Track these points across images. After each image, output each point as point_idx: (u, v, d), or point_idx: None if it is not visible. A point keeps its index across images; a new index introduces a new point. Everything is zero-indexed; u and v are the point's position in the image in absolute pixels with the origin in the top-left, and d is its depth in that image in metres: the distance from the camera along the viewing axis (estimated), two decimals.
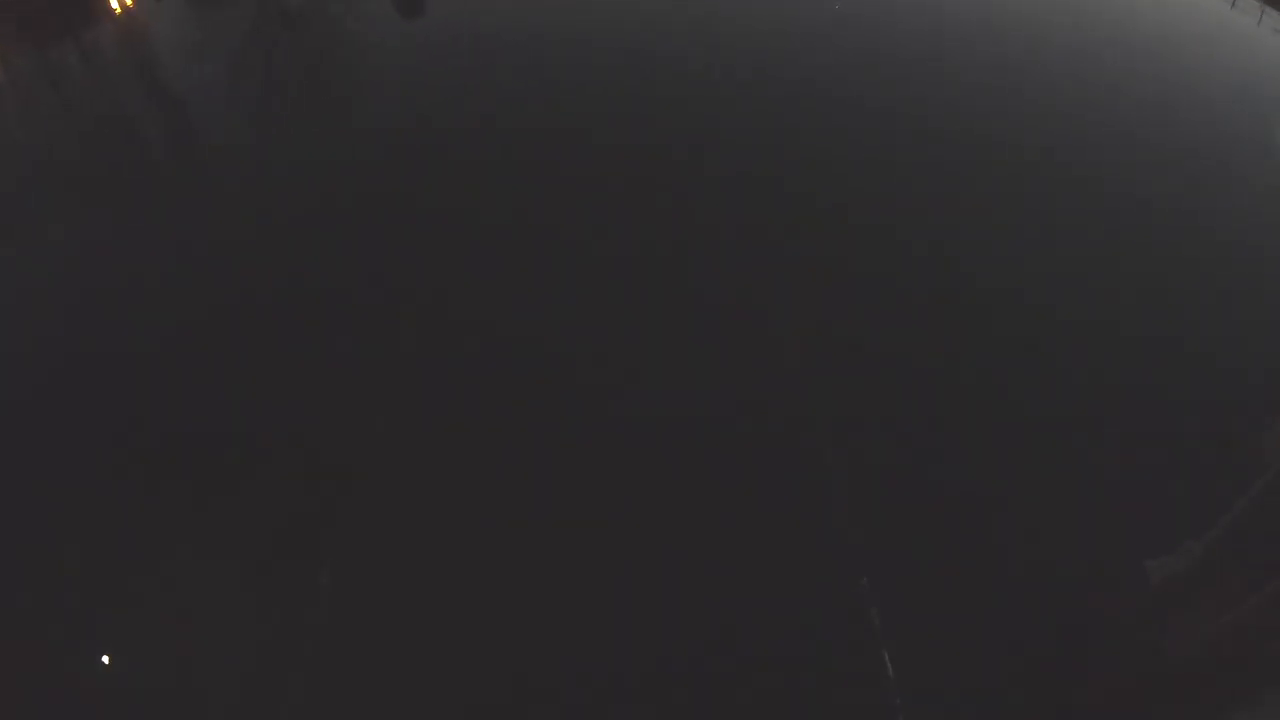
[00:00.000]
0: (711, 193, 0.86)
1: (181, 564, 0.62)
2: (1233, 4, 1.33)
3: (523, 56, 1.02)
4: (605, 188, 0.86)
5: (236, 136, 0.98)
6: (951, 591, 0.60)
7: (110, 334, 0.78)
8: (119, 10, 1.30)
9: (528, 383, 0.69)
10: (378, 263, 0.79)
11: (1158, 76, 1.18)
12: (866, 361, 0.73)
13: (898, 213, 0.85)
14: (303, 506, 0.66)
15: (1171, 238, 0.92)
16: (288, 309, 0.76)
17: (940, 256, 0.82)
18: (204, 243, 0.84)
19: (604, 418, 0.66)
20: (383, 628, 0.58)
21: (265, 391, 0.70)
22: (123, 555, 0.63)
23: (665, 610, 0.58)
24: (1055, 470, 0.68)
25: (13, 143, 1.08)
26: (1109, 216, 0.92)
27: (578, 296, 0.75)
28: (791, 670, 0.57)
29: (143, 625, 0.60)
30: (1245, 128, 1.09)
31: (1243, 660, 0.64)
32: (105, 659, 0.59)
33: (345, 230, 0.82)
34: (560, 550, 0.60)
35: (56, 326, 0.78)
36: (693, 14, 1.12)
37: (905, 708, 0.53)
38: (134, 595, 0.62)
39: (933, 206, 0.87)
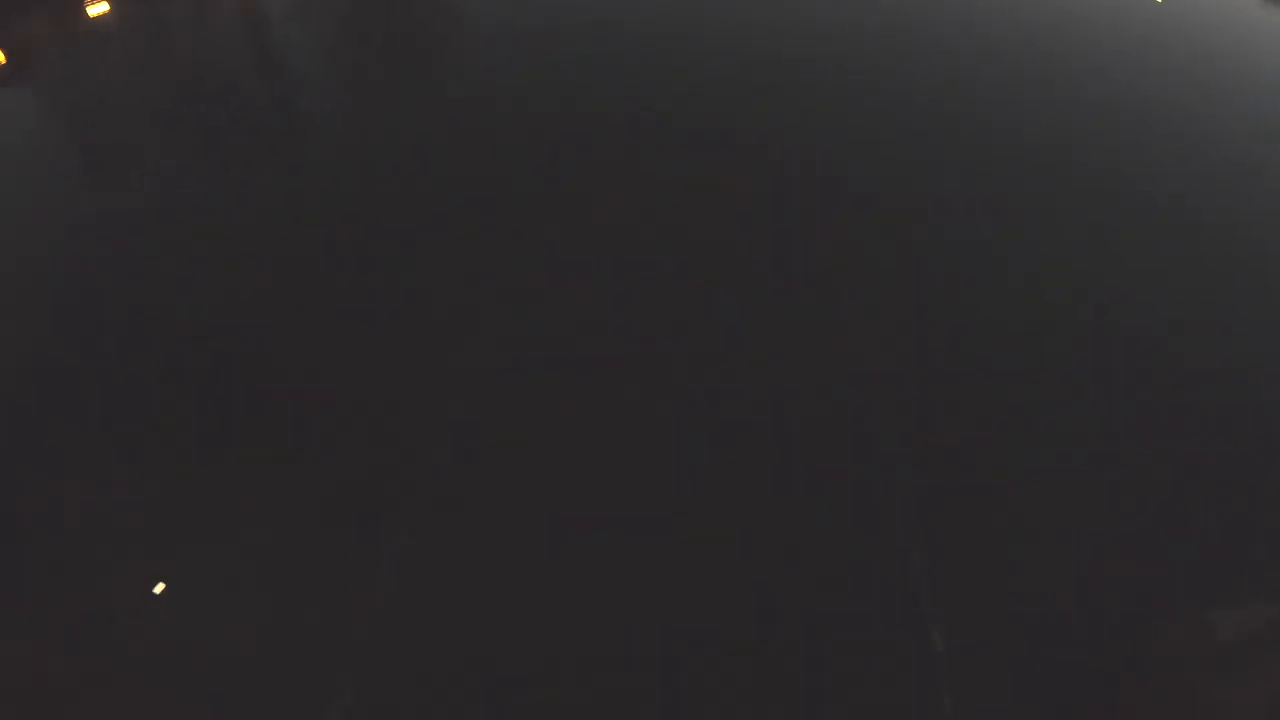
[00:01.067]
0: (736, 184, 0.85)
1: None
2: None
3: (535, 51, 1.02)
4: (631, 182, 0.85)
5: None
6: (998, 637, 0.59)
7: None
8: None
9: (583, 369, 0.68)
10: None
11: (1181, 72, 1.19)
12: (910, 364, 0.73)
13: (933, 212, 0.85)
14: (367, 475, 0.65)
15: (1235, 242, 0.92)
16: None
17: (993, 255, 0.82)
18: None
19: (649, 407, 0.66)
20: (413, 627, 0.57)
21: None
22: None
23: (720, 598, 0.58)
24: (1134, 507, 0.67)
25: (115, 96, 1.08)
26: (1166, 227, 0.92)
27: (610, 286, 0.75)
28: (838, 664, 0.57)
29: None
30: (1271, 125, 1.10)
31: None
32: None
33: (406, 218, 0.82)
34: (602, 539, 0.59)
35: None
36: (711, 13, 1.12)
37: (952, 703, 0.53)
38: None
39: (978, 208, 0.87)
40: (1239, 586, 0.57)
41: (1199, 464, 0.62)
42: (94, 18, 1.13)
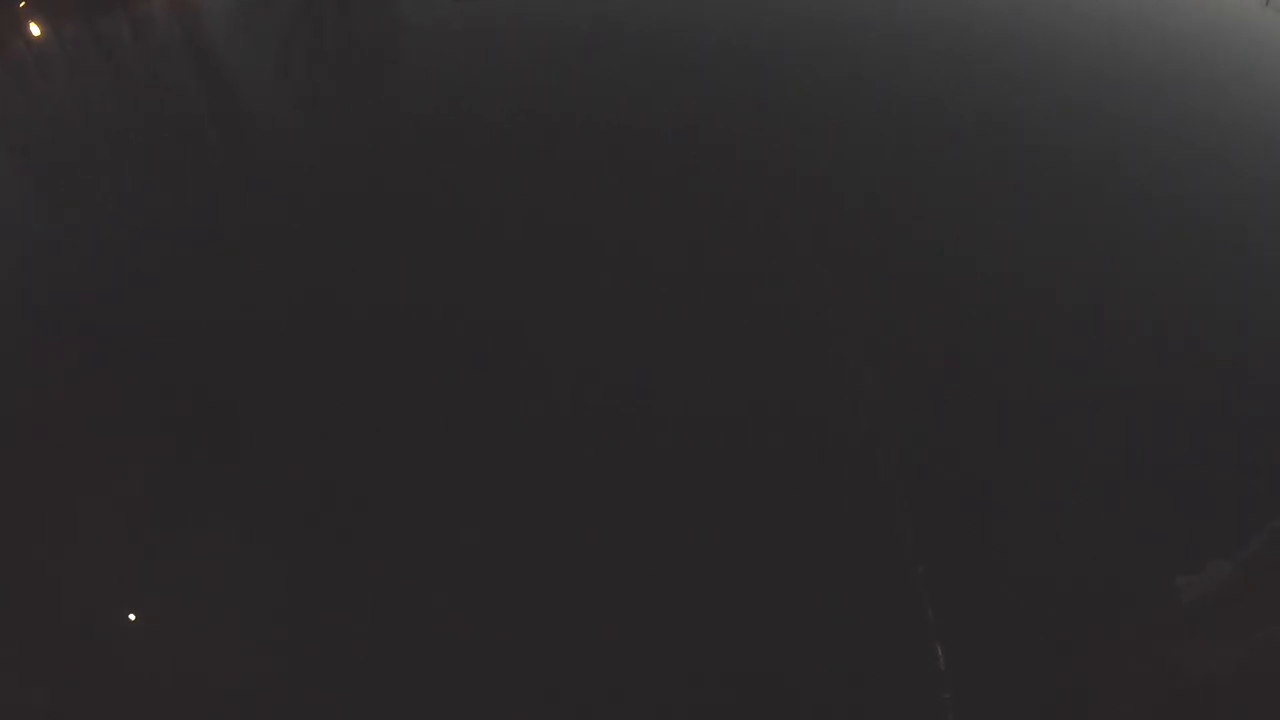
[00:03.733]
0: (742, 185, 0.85)
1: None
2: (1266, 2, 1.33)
3: (535, 49, 1.01)
4: (626, 181, 0.85)
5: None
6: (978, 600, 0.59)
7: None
8: None
9: (572, 375, 0.68)
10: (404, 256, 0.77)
11: (1191, 74, 1.17)
12: (918, 362, 0.72)
13: (941, 212, 0.84)
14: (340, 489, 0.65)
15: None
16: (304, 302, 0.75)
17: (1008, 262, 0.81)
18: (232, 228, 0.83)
19: (652, 413, 0.66)
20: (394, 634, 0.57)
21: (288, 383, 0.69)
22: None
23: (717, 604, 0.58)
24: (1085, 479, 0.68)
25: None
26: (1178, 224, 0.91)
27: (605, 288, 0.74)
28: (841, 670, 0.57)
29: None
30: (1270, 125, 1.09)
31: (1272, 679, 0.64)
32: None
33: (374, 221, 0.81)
34: (598, 547, 0.59)
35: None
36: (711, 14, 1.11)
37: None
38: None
39: (989, 207, 0.86)
40: (1203, 551, 0.58)
41: (1190, 451, 0.62)
42: (33, 38, 1.12)
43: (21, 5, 1.27)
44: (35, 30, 1.26)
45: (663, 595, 0.58)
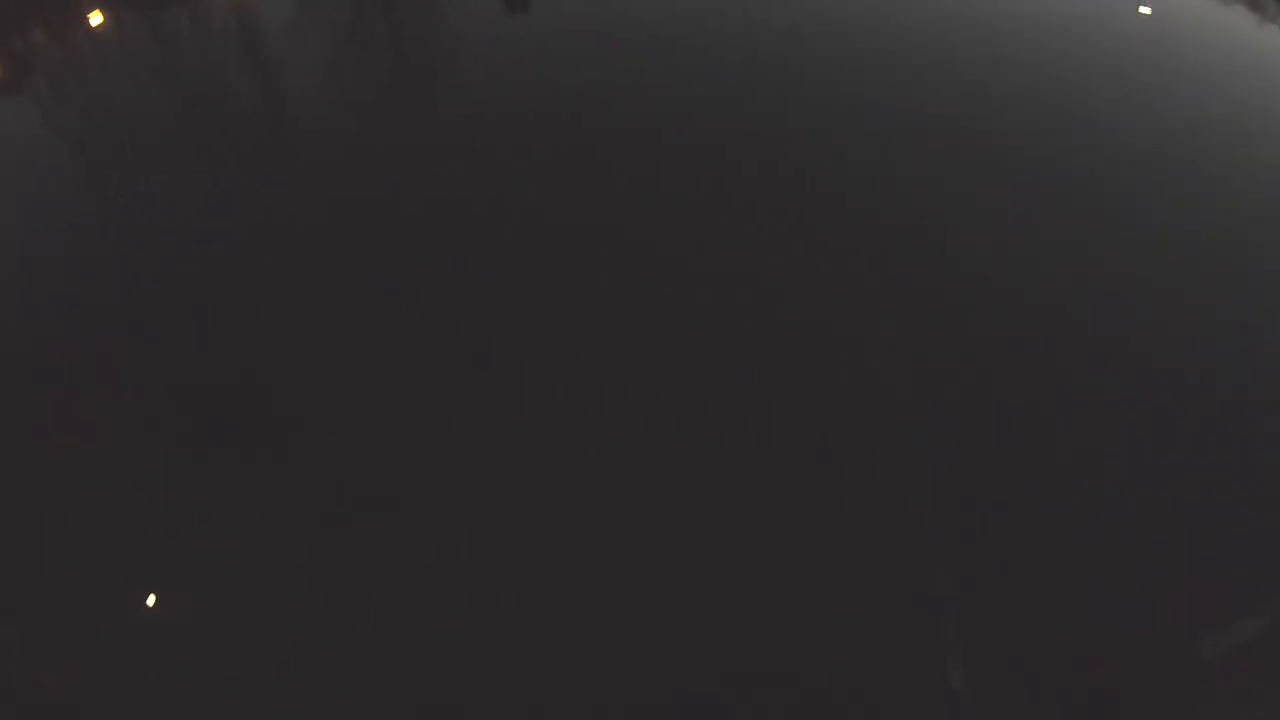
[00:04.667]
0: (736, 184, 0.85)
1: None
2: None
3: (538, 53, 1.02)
4: (627, 182, 0.85)
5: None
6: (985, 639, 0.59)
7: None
8: None
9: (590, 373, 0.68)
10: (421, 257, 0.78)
11: (1191, 79, 1.17)
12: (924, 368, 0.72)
13: (932, 217, 0.84)
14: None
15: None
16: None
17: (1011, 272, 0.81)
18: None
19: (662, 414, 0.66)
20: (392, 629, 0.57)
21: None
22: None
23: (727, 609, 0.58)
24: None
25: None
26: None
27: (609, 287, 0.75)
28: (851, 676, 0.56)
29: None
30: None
31: None
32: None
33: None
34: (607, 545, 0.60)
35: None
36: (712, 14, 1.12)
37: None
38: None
39: (986, 213, 0.86)
40: (1228, 602, 0.56)
41: (1203, 476, 0.61)
42: (93, 27, 1.14)
43: None
44: (91, 20, 1.28)
45: (669, 598, 0.57)
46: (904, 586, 0.55)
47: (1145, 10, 1.33)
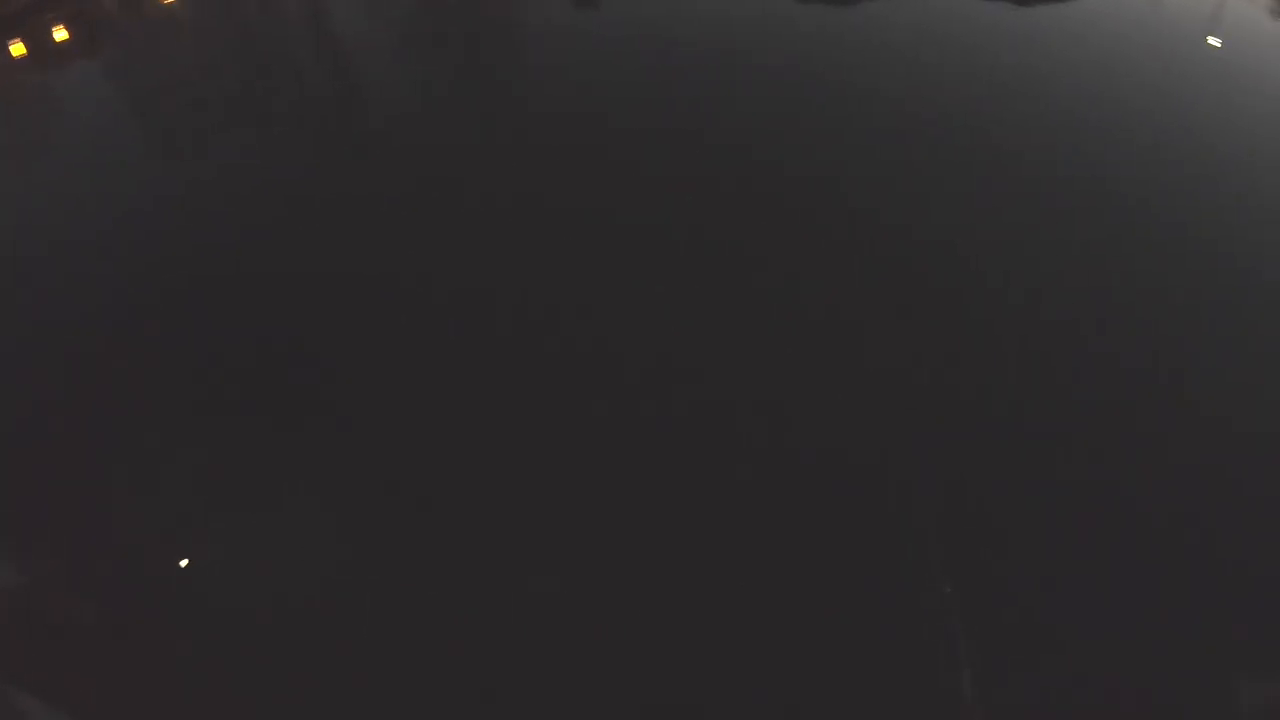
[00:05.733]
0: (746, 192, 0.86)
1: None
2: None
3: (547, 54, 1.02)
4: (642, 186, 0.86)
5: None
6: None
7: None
8: None
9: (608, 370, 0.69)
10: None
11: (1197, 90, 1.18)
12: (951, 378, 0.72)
13: (934, 222, 0.85)
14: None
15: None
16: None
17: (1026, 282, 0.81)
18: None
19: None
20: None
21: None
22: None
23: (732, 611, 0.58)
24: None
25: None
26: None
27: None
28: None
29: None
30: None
31: None
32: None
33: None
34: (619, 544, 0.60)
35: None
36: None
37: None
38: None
39: (997, 225, 0.86)
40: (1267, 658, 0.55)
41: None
42: (163, 3, 1.15)
43: None
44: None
45: (673, 600, 0.58)
46: (911, 592, 0.55)
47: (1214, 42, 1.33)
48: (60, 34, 1.26)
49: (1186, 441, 0.71)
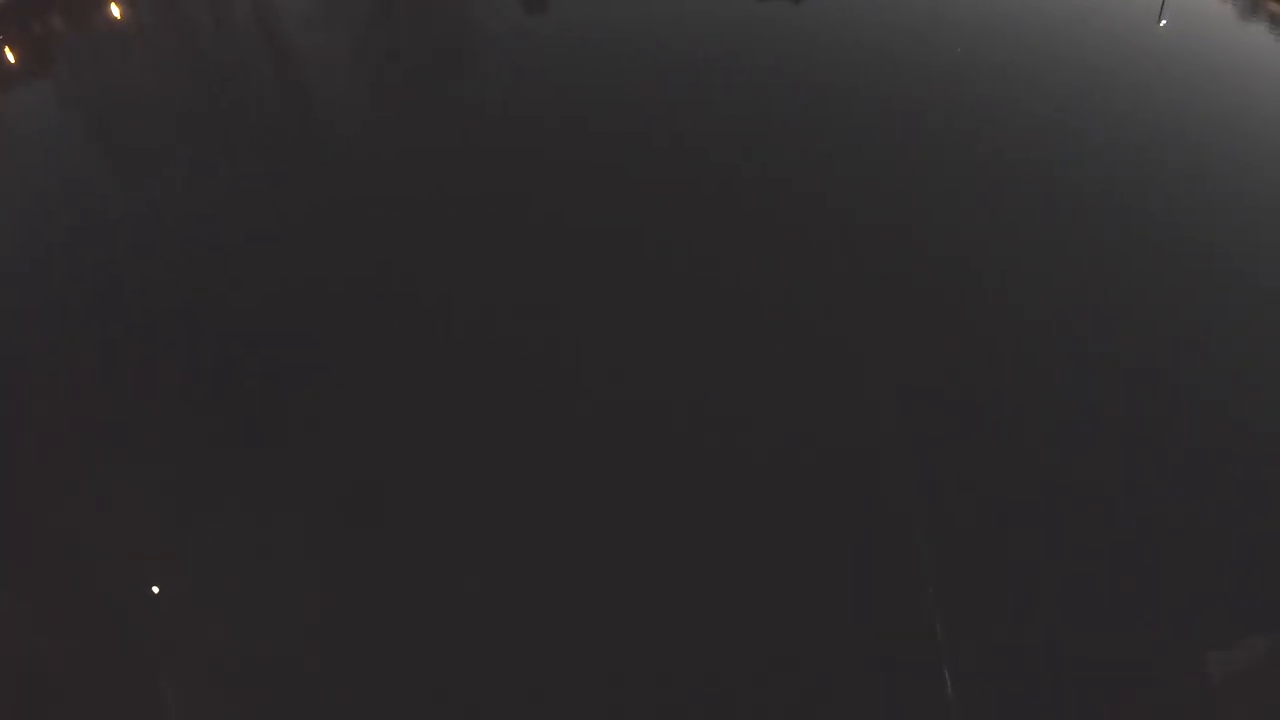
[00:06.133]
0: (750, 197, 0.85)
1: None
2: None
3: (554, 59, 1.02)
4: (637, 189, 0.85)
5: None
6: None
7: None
8: None
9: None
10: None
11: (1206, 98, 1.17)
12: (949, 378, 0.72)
13: (937, 228, 0.84)
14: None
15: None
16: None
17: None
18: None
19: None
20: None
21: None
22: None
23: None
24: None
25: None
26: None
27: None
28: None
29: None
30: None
31: None
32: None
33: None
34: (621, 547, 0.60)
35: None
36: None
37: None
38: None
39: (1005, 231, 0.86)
40: (1237, 627, 0.55)
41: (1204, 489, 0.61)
42: (114, 18, 1.14)
43: None
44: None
45: (672, 601, 0.58)
46: (909, 593, 0.55)
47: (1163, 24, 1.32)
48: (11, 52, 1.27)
49: (1186, 441, 0.71)
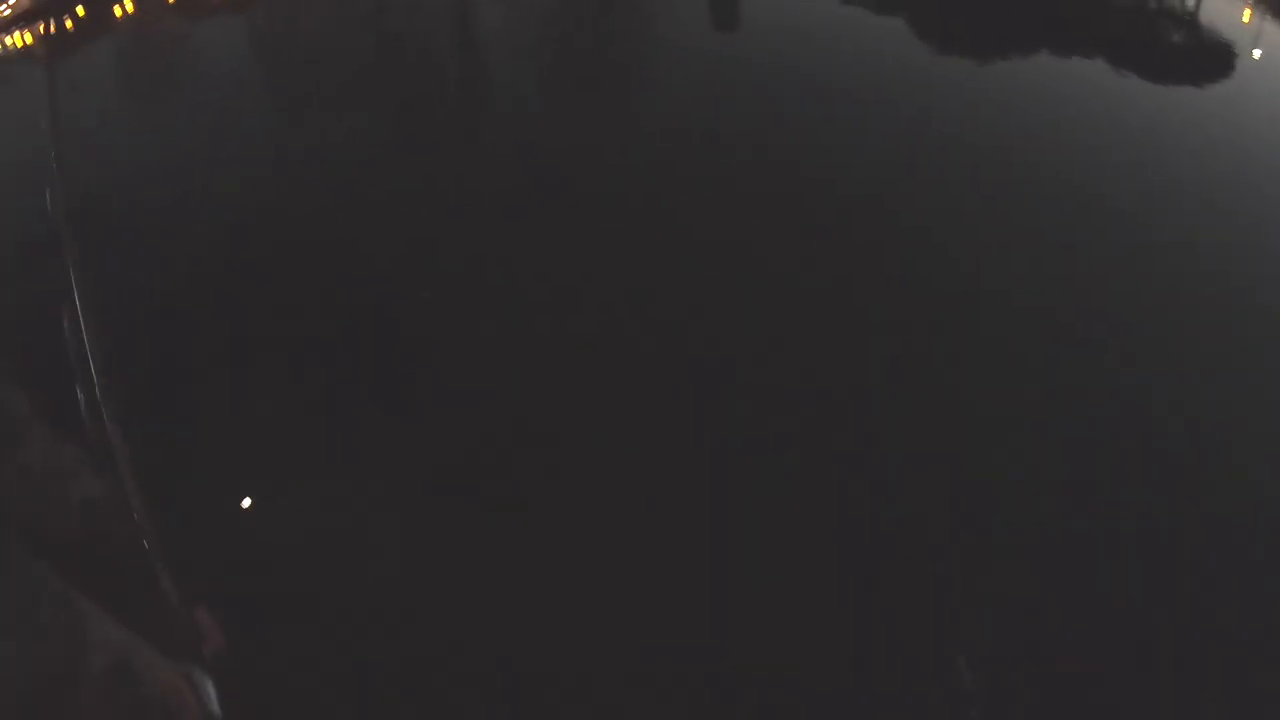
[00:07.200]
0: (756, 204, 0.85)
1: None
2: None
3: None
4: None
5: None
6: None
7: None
8: None
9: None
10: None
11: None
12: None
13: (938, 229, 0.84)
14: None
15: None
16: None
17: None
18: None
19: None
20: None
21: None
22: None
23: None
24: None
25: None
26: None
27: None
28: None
29: None
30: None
31: None
32: None
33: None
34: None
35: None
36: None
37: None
38: None
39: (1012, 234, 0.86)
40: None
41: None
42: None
43: None
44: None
45: (672, 601, 0.57)
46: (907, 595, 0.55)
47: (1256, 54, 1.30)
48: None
49: (1186, 441, 0.71)
